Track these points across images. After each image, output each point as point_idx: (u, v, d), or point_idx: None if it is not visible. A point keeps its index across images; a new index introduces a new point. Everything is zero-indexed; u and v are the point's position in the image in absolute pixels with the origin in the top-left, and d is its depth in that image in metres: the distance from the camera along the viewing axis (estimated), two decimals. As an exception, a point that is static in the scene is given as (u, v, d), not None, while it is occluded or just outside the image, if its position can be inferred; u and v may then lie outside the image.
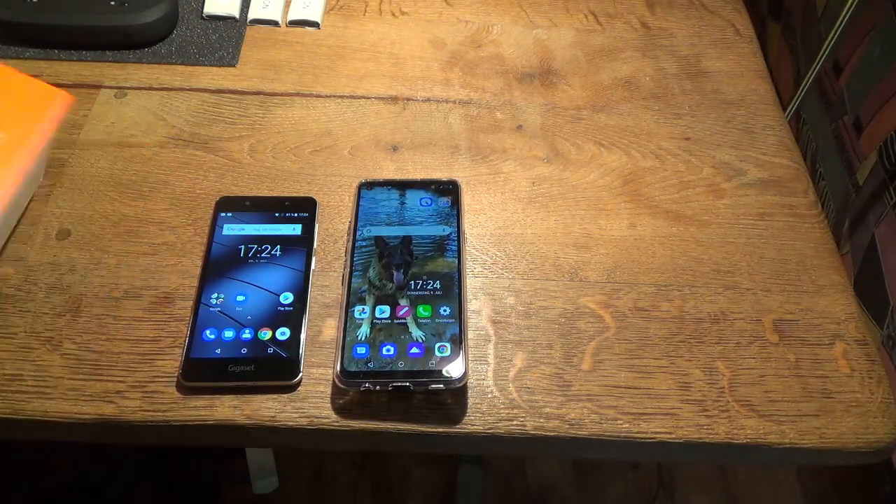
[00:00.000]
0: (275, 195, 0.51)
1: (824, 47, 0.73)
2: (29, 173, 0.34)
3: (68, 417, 0.41)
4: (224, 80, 0.59)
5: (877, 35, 0.65)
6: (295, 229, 0.48)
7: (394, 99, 0.59)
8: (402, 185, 0.50)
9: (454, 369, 0.40)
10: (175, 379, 0.42)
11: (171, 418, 0.41)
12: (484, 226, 0.51)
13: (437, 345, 0.41)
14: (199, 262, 0.47)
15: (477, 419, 0.42)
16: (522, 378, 0.43)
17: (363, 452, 1.04)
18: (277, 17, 0.63)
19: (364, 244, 0.46)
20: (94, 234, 0.48)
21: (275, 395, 0.42)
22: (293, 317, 0.44)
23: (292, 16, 0.63)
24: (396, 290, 0.44)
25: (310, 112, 0.57)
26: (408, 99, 0.59)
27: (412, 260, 0.45)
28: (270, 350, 0.42)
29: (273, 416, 0.41)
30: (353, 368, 0.40)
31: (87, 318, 0.44)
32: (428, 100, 0.59)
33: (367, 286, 0.44)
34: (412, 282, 0.44)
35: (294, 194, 0.51)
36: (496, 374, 0.43)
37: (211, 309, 0.44)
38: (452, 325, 0.42)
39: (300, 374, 0.42)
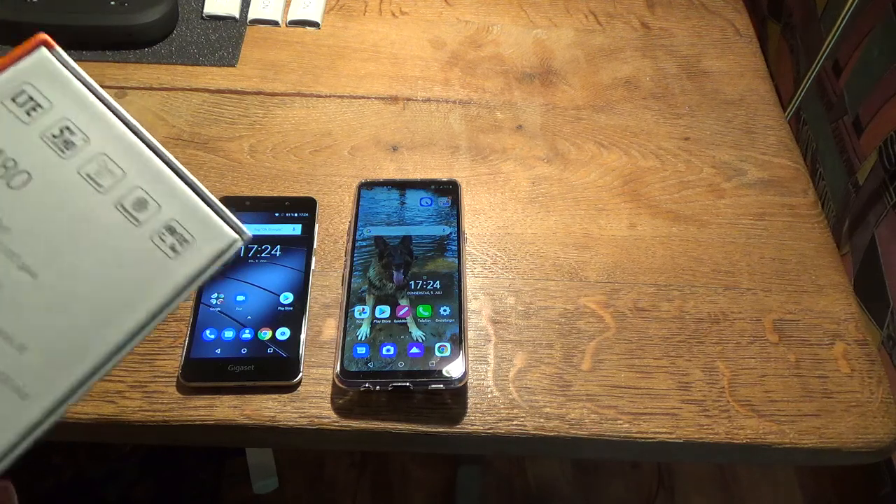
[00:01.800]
0: (275, 195, 0.51)
1: (824, 47, 0.73)
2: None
3: (68, 417, 0.41)
4: (224, 80, 0.59)
5: (876, 35, 0.65)
6: (295, 229, 0.48)
7: (394, 99, 0.59)
8: (402, 185, 0.50)
9: (454, 369, 0.40)
10: (175, 379, 0.42)
11: (171, 418, 0.41)
12: (484, 226, 0.51)
13: (437, 345, 0.41)
14: (199, 262, 0.47)
15: (477, 419, 0.42)
16: (522, 378, 0.43)
17: (363, 452, 1.04)
18: (277, 17, 0.63)
19: (364, 244, 0.46)
20: (94, 234, 0.48)
21: (275, 395, 0.42)
22: (293, 317, 0.44)
23: (292, 16, 0.63)
24: (396, 290, 0.44)
25: (310, 112, 0.57)
26: (408, 99, 0.59)
27: (412, 260, 0.45)
28: (270, 350, 0.42)
29: (273, 416, 0.41)
30: (353, 368, 0.40)
31: (87, 318, 0.44)
32: (428, 100, 0.59)
33: (367, 286, 0.44)
34: (412, 282, 0.44)
35: (294, 194, 0.51)
36: (496, 374, 0.43)
37: (211, 309, 0.44)
38: (452, 325, 0.42)
39: (300, 374, 0.42)
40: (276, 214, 0.49)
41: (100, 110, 0.24)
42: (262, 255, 0.46)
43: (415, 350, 0.41)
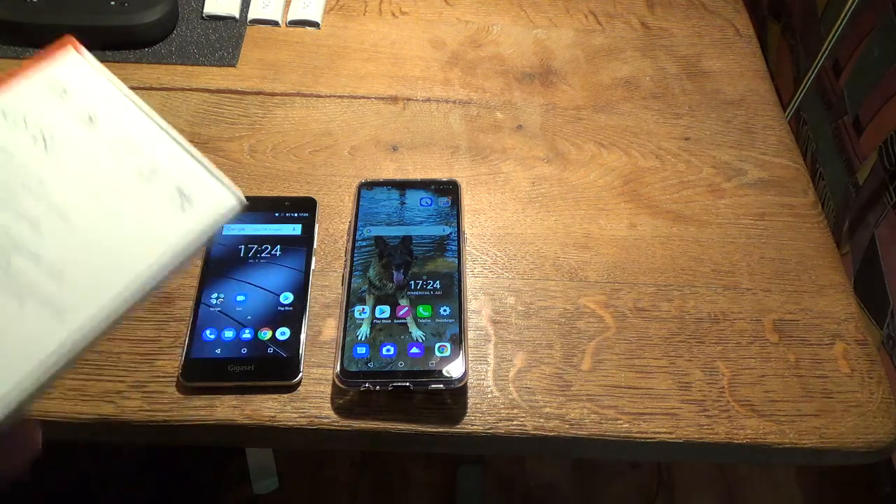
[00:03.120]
0: (275, 195, 0.51)
1: (824, 47, 0.73)
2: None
3: (68, 417, 0.41)
4: (224, 80, 0.59)
5: (876, 35, 0.65)
6: (295, 229, 0.48)
7: (394, 99, 0.59)
8: (402, 185, 0.50)
9: (454, 369, 0.40)
10: (175, 379, 0.42)
11: (171, 418, 0.41)
12: (484, 226, 0.51)
13: (437, 345, 0.41)
14: (200, 262, 0.47)
15: (477, 419, 0.42)
16: (522, 378, 0.43)
17: (363, 452, 1.04)
18: (277, 17, 0.63)
19: (364, 244, 0.46)
20: (94, 234, 0.48)
21: (275, 395, 0.42)
22: (293, 317, 0.44)
23: (292, 16, 0.63)
24: (396, 290, 0.44)
25: (310, 112, 0.57)
26: (408, 99, 0.59)
27: (412, 260, 0.45)
28: (270, 350, 0.42)
29: (273, 416, 0.41)
30: (353, 368, 0.40)
31: (87, 318, 0.44)
32: (428, 100, 0.59)
33: (367, 286, 0.44)
34: (412, 282, 0.44)
35: (294, 194, 0.51)
36: (496, 374, 0.43)
37: (211, 309, 0.44)
38: (452, 325, 0.42)
39: (300, 374, 0.42)
40: (276, 214, 0.49)
41: (117, 96, 0.32)
42: (262, 255, 0.46)
43: (415, 350, 0.41)
